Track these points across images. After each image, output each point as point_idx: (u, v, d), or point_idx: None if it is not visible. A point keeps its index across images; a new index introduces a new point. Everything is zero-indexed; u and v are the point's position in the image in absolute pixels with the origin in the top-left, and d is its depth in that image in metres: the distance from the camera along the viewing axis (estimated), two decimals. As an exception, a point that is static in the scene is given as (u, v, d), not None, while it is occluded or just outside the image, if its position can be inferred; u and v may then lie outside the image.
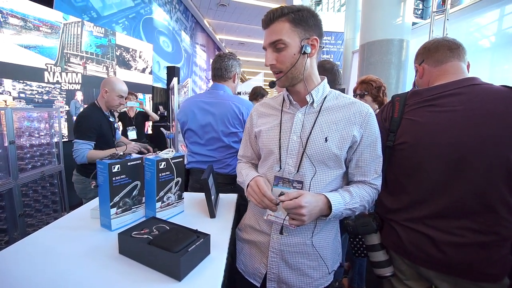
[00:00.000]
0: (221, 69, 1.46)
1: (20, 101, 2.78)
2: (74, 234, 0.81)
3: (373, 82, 1.72)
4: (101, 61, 3.90)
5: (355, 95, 1.77)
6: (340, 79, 1.57)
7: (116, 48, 4.09)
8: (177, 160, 0.94)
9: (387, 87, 3.68)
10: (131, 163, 0.86)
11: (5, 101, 2.61)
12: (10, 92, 2.69)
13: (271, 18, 0.75)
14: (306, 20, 0.75)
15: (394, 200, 0.94)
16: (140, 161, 0.89)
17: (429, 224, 0.85)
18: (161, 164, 0.87)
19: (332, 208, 0.75)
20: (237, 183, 0.98)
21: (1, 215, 2.00)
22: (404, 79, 3.44)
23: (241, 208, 1.10)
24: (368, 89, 1.73)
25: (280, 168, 0.83)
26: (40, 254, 0.70)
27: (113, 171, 0.80)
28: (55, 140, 2.50)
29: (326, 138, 0.79)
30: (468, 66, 0.93)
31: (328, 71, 1.50)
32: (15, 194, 2.06)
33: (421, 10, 7.56)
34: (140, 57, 4.61)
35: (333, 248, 0.89)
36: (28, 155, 2.21)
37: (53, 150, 2.46)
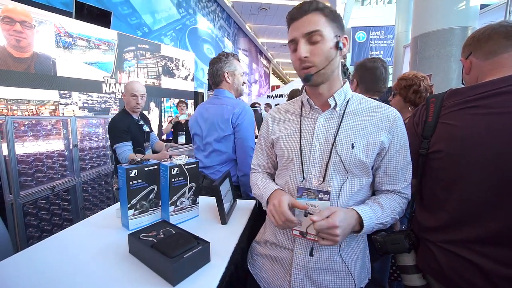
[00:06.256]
0: (211, 77, 1.50)
1: (84, 110, 3.29)
2: (98, 231, 0.90)
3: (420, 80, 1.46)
4: (148, 71, 4.32)
5: (393, 94, 1.56)
6: (384, 78, 1.42)
7: (162, 58, 4.48)
8: (191, 166, 0.96)
9: (447, 83, 3.16)
10: (147, 168, 0.91)
11: (73, 110, 3.10)
12: (77, 103, 3.19)
13: (306, 9, 0.70)
14: (338, 18, 0.73)
15: (430, 216, 0.81)
16: (156, 167, 0.94)
17: (475, 250, 0.70)
18: (174, 170, 0.91)
19: (364, 224, 0.69)
20: (253, 195, 0.95)
21: (67, 207, 2.37)
22: (469, 73, 2.97)
23: (261, 215, 1.06)
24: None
25: (304, 178, 0.77)
26: (65, 248, 0.79)
27: (131, 175, 0.87)
28: (109, 143, 2.85)
29: (352, 144, 0.73)
30: None
31: (369, 69, 1.41)
32: (77, 190, 2.41)
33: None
34: (182, 65, 4.97)
35: (361, 263, 0.81)
36: (87, 157, 2.57)
37: (107, 152, 2.81)
